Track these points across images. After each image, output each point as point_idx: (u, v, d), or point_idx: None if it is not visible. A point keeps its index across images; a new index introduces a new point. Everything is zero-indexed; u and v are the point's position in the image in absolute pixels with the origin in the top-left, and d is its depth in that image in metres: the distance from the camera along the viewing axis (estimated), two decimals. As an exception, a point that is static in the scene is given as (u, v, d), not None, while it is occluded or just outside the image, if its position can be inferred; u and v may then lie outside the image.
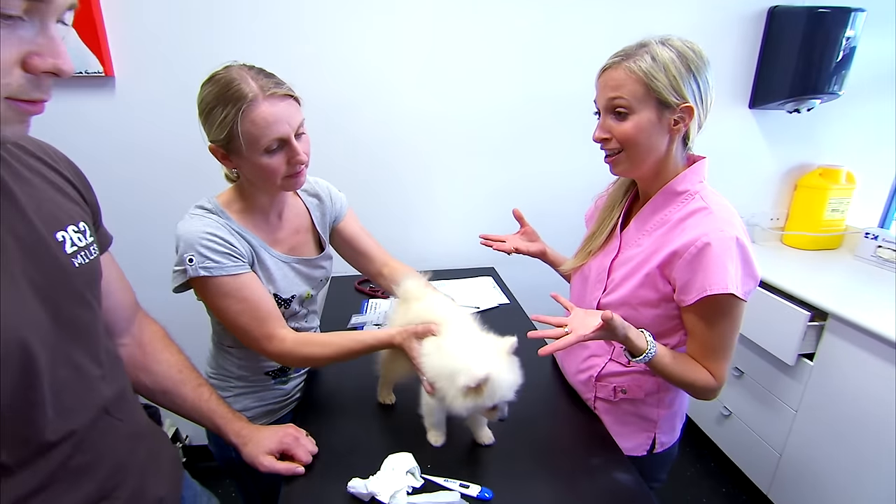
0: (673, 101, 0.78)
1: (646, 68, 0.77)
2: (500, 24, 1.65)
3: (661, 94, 0.77)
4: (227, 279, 0.85)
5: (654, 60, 0.77)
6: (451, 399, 0.75)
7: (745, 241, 0.77)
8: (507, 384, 0.74)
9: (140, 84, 1.50)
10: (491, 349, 0.77)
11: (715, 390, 0.83)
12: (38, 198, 0.56)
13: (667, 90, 0.77)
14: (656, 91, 0.77)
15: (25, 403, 0.50)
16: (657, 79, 0.76)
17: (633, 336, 0.78)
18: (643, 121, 0.79)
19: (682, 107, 0.78)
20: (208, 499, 0.85)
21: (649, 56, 0.77)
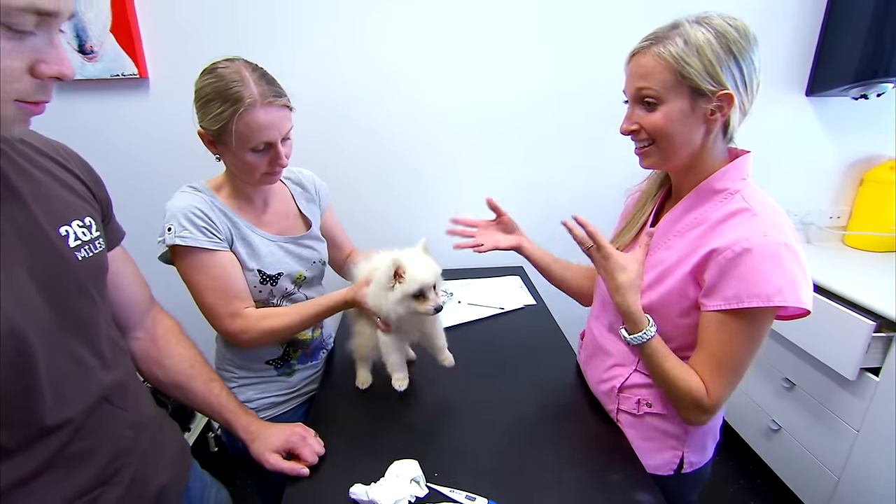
0: (708, 89, 0.69)
1: (676, 53, 0.69)
2: (522, 12, 1.59)
3: (693, 82, 0.69)
4: (201, 253, 0.88)
5: (687, 44, 0.69)
6: (387, 306, 0.84)
7: (796, 246, 0.68)
8: (421, 267, 0.83)
9: (172, 85, 1.55)
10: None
11: (704, 409, 0.74)
12: (44, 193, 0.58)
13: (700, 77, 0.69)
14: (688, 78, 0.69)
15: (23, 390, 0.52)
16: (689, 64, 0.68)
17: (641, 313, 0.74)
18: (674, 111, 0.71)
19: (720, 94, 0.69)
20: (217, 490, 0.85)
21: (681, 39, 0.69)
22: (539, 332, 1.29)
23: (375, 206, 1.74)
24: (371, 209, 1.73)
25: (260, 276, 0.95)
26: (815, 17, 1.62)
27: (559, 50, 1.62)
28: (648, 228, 0.82)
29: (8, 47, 0.43)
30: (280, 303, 1.01)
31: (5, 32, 0.42)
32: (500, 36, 1.61)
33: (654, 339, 0.76)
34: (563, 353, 1.15)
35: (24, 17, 0.42)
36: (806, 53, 1.66)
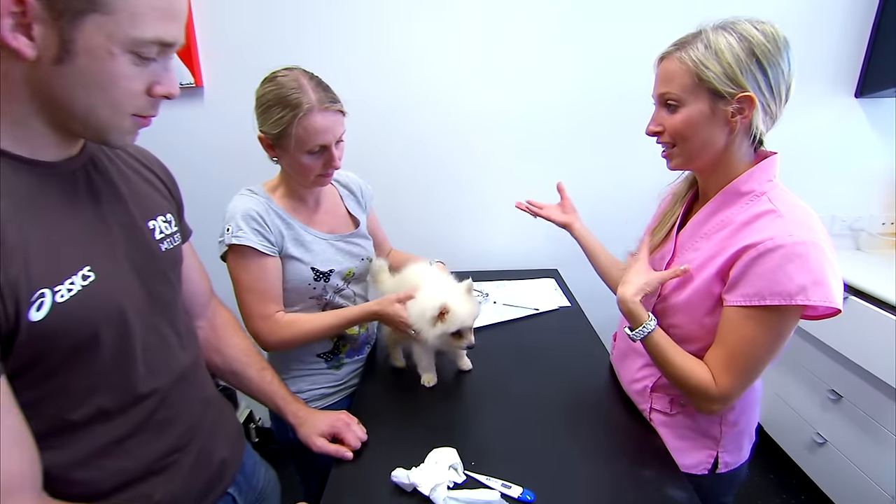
0: (727, 91, 0.70)
1: (696, 57, 0.71)
2: (553, 20, 1.61)
3: (712, 84, 0.71)
4: (250, 254, 0.95)
5: (707, 48, 0.71)
6: (427, 334, 0.92)
7: (824, 245, 0.68)
8: (464, 312, 0.90)
9: (225, 93, 1.66)
10: (450, 289, 0.94)
11: (711, 399, 0.75)
12: (136, 191, 0.66)
13: (719, 80, 0.70)
14: (707, 81, 0.71)
15: (123, 358, 0.59)
16: (708, 67, 0.70)
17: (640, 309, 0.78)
18: (694, 113, 0.73)
19: (740, 97, 0.70)
20: (266, 469, 0.91)
21: (702, 44, 0.71)
22: (573, 332, 1.31)
23: (414, 208, 1.80)
24: (410, 211, 1.79)
25: (314, 273, 1.02)
26: (866, 16, 1.57)
27: (591, 54, 1.64)
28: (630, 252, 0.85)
29: (134, 72, 0.51)
30: (333, 298, 1.07)
31: (133, 59, 0.50)
32: (533, 43, 1.64)
33: (655, 333, 0.79)
34: (596, 354, 1.17)
35: (151, 48, 0.50)
36: (855, 54, 1.61)
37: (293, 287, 1.02)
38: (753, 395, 0.86)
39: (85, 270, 0.54)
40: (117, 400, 0.60)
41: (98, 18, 0.47)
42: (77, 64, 0.48)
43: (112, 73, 0.50)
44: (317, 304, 1.07)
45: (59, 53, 0.47)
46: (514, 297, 1.54)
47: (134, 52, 0.50)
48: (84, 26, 0.47)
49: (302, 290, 1.03)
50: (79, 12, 0.46)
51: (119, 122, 0.53)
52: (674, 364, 0.77)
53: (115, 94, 0.51)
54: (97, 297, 0.55)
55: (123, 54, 0.49)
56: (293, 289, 1.02)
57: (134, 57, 0.50)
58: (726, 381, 0.73)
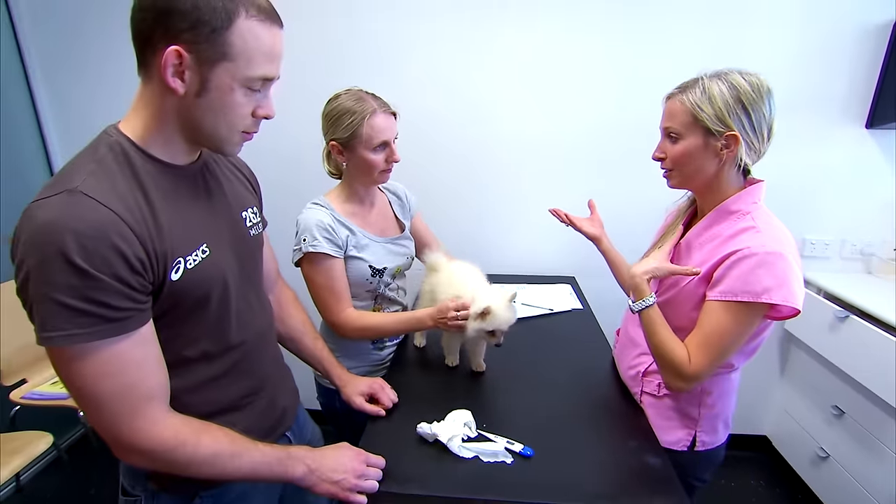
0: (716, 130, 0.86)
1: (694, 100, 0.87)
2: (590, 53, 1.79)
3: (705, 123, 0.86)
4: (325, 259, 1.14)
5: (703, 93, 0.86)
6: (468, 324, 1.05)
7: (790, 258, 0.82)
8: (502, 316, 1.03)
9: (285, 109, 1.87)
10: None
11: (685, 375, 0.88)
12: (233, 188, 0.85)
13: (710, 120, 0.86)
14: (701, 120, 0.86)
15: (223, 314, 0.77)
16: (703, 109, 0.86)
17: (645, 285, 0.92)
18: (690, 146, 0.89)
19: (727, 135, 0.86)
20: (314, 425, 1.09)
21: (699, 89, 0.87)
22: (582, 331, 1.45)
23: (448, 213, 1.99)
24: (446, 215, 1.98)
25: (371, 270, 1.21)
26: (877, 52, 1.67)
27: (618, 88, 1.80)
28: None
29: (245, 101, 0.67)
30: (384, 291, 1.27)
31: (245, 92, 0.67)
32: (567, 73, 1.82)
33: (652, 308, 0.93)
34: (601, 349, 1.31)
35: (258, 83, 0.67)
36: (866, 88, 1.71)
37: (354, 282, 1.21)
38: (730, 384, 0.99)
39: (203, 247, 0.72)
40: (216, 346, 0.78)
41: (226, 64, 0.63)
42: (210, 97, 0.65)
43: (232, 103, 0.66)
44: (371, 296, 1.26)
45: (199, 90, 0.64)
46: (533, 298, 1.69)
47: (246, 87, 0.66)
48: (216, 70, 0.63)
49: (361, 284, 1.22)
50: (215, 61, 0.63)
51: (232, 137, 0.70)
52: (661, 337, 0.91)
53: (231, 118, 0.68)
54: (210, 268, 0.73)
55: (240, 88, 0.65)
56: (354, 283, 1.21)
57: (246, 90, 0.66)
58: (699, 361, 0.87)
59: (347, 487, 0.79)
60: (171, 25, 0.60)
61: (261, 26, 0.64)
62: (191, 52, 0.61)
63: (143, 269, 0.63)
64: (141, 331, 0.64)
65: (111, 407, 0.63)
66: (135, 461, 0.69)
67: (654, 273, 0.94)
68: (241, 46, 0.63)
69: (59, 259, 0.56)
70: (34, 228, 0.57)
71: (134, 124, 0.68)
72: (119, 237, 0.60)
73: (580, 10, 1.75)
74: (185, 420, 0.70)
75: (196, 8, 0.60)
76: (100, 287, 0.59)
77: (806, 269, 1.93)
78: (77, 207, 0.58)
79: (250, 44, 0.63)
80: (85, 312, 0.58)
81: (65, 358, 0.60)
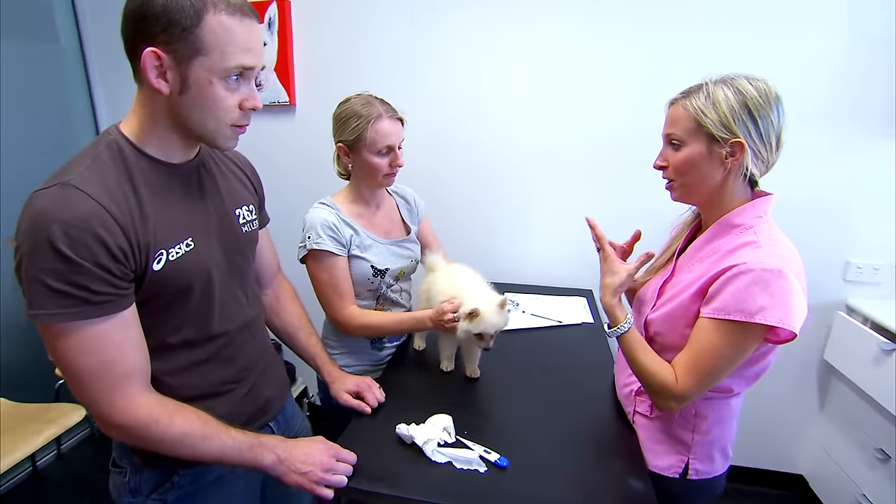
0: (721, 137, 0.80)
1: (697, 105, 0.82)
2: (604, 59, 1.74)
3: (709, 130, 0.81)
4: (328, 256, 1.16)
5: (707, 98, 0.81)
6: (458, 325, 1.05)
7: (790, 276, 0.75)
8: (489, 319, 1.02)
9: (313, 110, 1.98)
10: (487, 298, 1.06)
11: (672, 396, 0.83)
12: (229, 186, 0.89)
13: (715, 126, 0.80)
14: (705, 126, 0.81)
15: (205, 305, 0.81)
16: (707, 115, 0.81)
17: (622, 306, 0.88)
18: (693, 153, 0.84)
19: (732, 142, 0.80)
20: (303, 419, 1.12)
21: (703, 94, 0.82)
22: (588, 344, 1.40)
23: (463, 222, 1.99)
24: (460, 224, 1.99)
25: (373, 270, 1.23)
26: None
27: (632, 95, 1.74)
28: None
29: (226, 93, 0.70)
30: (386, 292, 1.28)
31: (225, 84, 0.69)
32: (582, 79, 1.78)
33: (629, 333, 0.88)
34: (603, 364, 1.26)
35: (235, 73, 0.69)
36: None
37: (356, 281, 1.23)
38: (728, 411, 0.92)
39: (188, 240, 0.76)
40: (198, 334, 0.81)
41: (201, 59, 0.66)
42: (191, 93, 0.68)
43: (213, 96, 0.69)
44: (373, 296, 1.28)
45: (181, 88, 0.68)
46: (543, 309, 1.65)
47: (224, 79, 0.68)
48: (193, 66, 0.66)
49: (362, 284, 1.24)
50: (190, 57, 0.66)
51: (222, 130, 0.73)
52: (642, 363, 0.86)
53: (216, 111, 0.70)
54: (193, 260, 0.76)
55: (218, 81, 0.68)
56: (356, 282, 1.23)
57: (225, 82, 0.69)
58: (687, 382, 0.82)
59: (314, 480, 0.80)
60: (146, 30, 0.65)
61: (231, 19, 0.67)
62: (167, 53, 0.66)
63: (125, 258, 0.67)
64: (122, 314, 0.68)
65: (91, 383, 0.68)
66: (113, 435, 0.74)
67: (620, 288, 0.91)
68: (213, 40, 0.66)
69: (46, 245, 0.61)
70: (30, 216, 0.63)
71: (132, 124, 0.73)
72: (102, 227, 0.64)
73: (599, 16, 1.71)
74: (161, 400, 0.74)
75: (166, 10, 0.64)
76: (82, 272, 0.63)
77: (851, 296, 1.77)
78: (67, 199, 0.63)
79: (221, 37, 0.66)
80: (68, 294, 0.63)
81: (50, 335, 0.66)
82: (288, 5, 1.90)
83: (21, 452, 1.57)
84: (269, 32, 1.92)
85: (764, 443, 1.97)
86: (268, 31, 1.92)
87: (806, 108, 1.58)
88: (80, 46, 2.14)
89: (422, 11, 1.83)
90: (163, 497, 0.82)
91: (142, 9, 0.65)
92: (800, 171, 1.64)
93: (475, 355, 1.18)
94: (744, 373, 0.86)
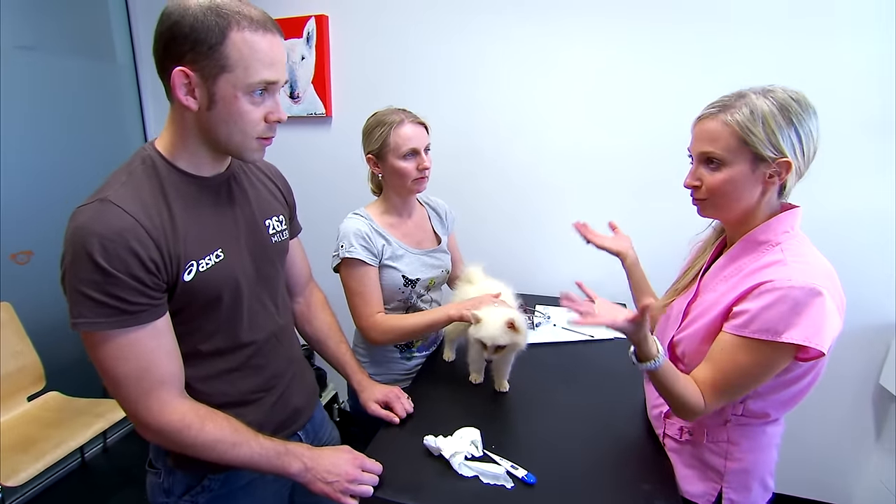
0: (769, 156, 0.75)
1: (742, 121, 0.75)
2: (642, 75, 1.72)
3: (756, 149, 0.75)
4: (360, 265, 1.18)
5: (752, 113, 0.75)
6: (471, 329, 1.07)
7: (820, 292, 0.71)
8: (488, 331, 1.02)
9: (347, 122, 2.04)
10: (498, 311, 1.05)
11: (698, 414, 0.81)
12: (260, 197, 0.91)
13: (763, 144, 0.75)
14: (752, 145, 0.75)
15: (234, 314, 0.83)
16: (753, 133, 0.75)
17: (651, 341, 0.79)
18: (736, 174, 0.78)
19: (779, 161, 0.76)
20: (332, 428, 1.13)
21: (747, 108, 0.75)
22: (620, 362, 1.35)
23: (498, 234, 2.00)
24: (497, 237, 1.99)
25: (404, 280, 1.25)
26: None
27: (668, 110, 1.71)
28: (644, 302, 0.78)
29: (251, 107, 0.72)
30: (416, 302, 1.29)
31: (250, 98, 0.71)
32: (618, 95, 1.76)
33: (662, 367, 0.80)
34: (636, 384, 1.21)
35: (260, 87, 0.71)
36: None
37: (387, 290, 1.24)
38: (765, 438, 0.87)
39: (218, 251, 0.78)
40: (228, 342, 0.83)
41: (227, 75, 0.69)
42: (218, 108, 0.71)
43: (239, 110, 0.71)
44: (403, 306, 1.29)
45: (208, 104, 0.70)
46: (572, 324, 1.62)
47: (249, 93, 0.71)
48: (219, 83, 0.69)
49: (393, 293, 1.25)
50: (216, 74, 0.69)
51: (248, 143, 0.75)
52: (673, 393, 0.81)
53: (242, 125, 0.73)
54: (223, 271, 0.79)
55: (244, 96, 0.70)
56: (387, 292, 1.25)
57: (250, 97, 0.71)
58: (713, 402, 0.79)
59: (340, 489, 0.81)
60: (175, 50, 0.68)
61: (254, 35, 0.69)
62: (195, 71, 0.69)
63: (157, 270, 0.70)
64: (155, 323, 0.72)
65: (128, 387, 0.71)
66: (149, 438, 0.77)
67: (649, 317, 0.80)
68: (237, 57, 0.68)
69: (85, 258, 0.65)
70: (72, 230, 0.67)
71: (165, 140, 0.77)
72: (136, 241, 0.68)
73: (638, 30, 1.69)
74: (194, 406, 0.76)
75: (193, 30, 0.67)
76: (117, 283, 0.67)
77: (915, 314, 1.65)
78: (104, 214, 0.67)
79: (245, 53, 0.69)
80: (105, 304, 0.67)
81: (90, 342, 0.70)
82: (326, 21, 1.96)
83: (73, 443, 1.66)
84: (308, 46, 1.99)
85: (816, 474, 1.86)
86: (306, 45, 1.99)
87: (862, 117, 1.51)
88: (133, 64, 2.28)
89: (452, 22, 1.86)
90: (194, 499, 0.85)
91: (171, 30, 0.68)
92: (847, 185, 1.56)
93: (505, 369, 1.16)
94: (780, 396, 0.81)
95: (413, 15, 1.88)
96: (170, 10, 0.69)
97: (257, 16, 0.71)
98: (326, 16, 1.96)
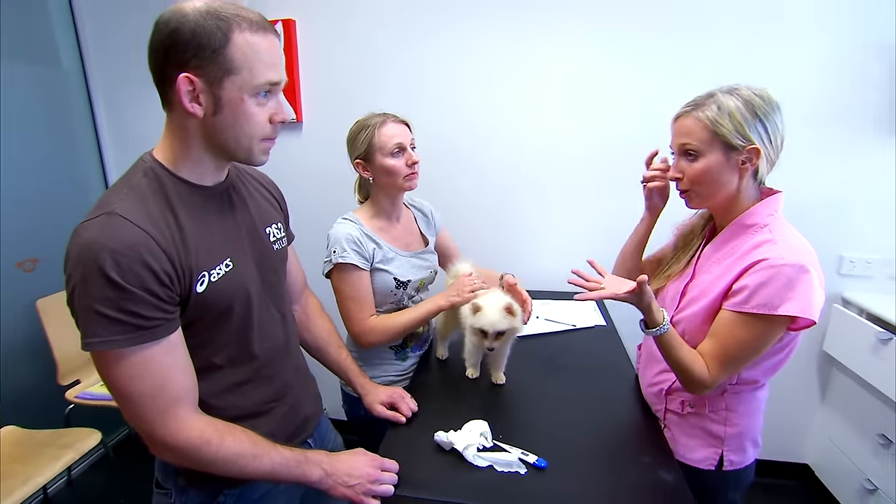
0: (738, 144, 0.86)
1: (712, 116, 0.87)
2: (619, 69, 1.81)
3: (726, 139, 0.86)
4: (352, 270, 1.19)
5: (720, 108, 0.86)
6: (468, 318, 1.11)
7: (809, 268, 0.81)
8: (489, 317, 1.07)
9: (319, 127, 2.02)
10: (496, 301, 1.09)
11: (704, 385, 0.89)
12: (258, 205, 0.90)
13: (731, 134, 0.86)
14: (722, 136, 0.86)
15: (245, 324, 0.83)
16: (722, 125, 0.86)
17: (655, 308, 0.88)
18: (712, 162, 0.89)
19: (749, 148, 0.86)
20: (336, 434, 1.14)
21: (715, 105, 0.87)
22: (604, 347, 1.44)
23: (478, 230, 2.04)
24: (474, 232, 2.03)
25: (395, 282, 1.26)
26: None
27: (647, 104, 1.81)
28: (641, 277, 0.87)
29: (257, 109, 0.72)
30: (407, 303, 1.31)
31: (256, 100, 0.71)
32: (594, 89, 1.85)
33: (667, 333, 0.90)
34: (622, 365, 1.30)
35: (264, 89, 0.71)
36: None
37: (379, 293, 1.26)
38: (756, 402, 0.97)
39: (227, 261, 0.78)
40: (240, 354, 0.83)
41: (232, 78, 0.68)
42: (224, 112, 0.70)
43: (245, 113, 0.71)
44: (395, 308, 1.31)
45: (214, 109, 0.70)
46: (556, 313, 1.69)
47: (255, 95, 0.70)
48: (225, 86, 0.68)
49: (385, 295, 1.27)
50: (221, 78, 0.68)
51: (255, 146, 0.74)
52: (680, 358, 0.90)
53: (249, 128, 0.72)
54: (233, 280, 0.78)
55: (249, 98, 0.70)
56: (379, 294, 1.26)
57: (256, 99, 0.71)
58: (717, 373, 0.88)
59: (362, 491, 0.83)
60: (176, 57, 0.67)
61: (255, 37, 0.69)
62: (199, 76, 0.68)
63: (171, 282, 0.69)
64: (169, 338, 0.70)
65: (143, 406, 0.69)
66: (166, 457, 0.75)
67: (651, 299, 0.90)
68: (241, 59, 0.68)
69: (97, 274, 0.63)
70: (79, 247, 0.65)
71: (165, 151, 0.75)
72: (149, 254, 0.66)
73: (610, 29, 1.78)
74: (211, 421, 0.75)
75: (195, 35, 0.66)
76: (132, 299, 0.65)
77: (846, 289, 1.85)
78: (114, 228, 0.65)
79: (248, 55, 0.69)
80: (120, 321, 0.65)
81: (104, 361, 0.67)
82: (293, 25, 1.94)
83: (37, 481, 1.54)
84: (273, 51, 1.96)
85: (770, 434, 2.01)
86: (271, 50, 1.96)
87: (802, 110, 1.66)
88: (82, 70, 2.15)
89: (422, 26, 1.88)
90: None
91: (171, 38, 0.67)
92: (795, 171, 1.69)
93: (501, 361, 1.21)
94: (767, 363, 0.91)
95: (382, 19, 1.90)
96: (167, 18, 0.68)
97: (255, 17, 0.71)
98: (294, 20, 1.94)
